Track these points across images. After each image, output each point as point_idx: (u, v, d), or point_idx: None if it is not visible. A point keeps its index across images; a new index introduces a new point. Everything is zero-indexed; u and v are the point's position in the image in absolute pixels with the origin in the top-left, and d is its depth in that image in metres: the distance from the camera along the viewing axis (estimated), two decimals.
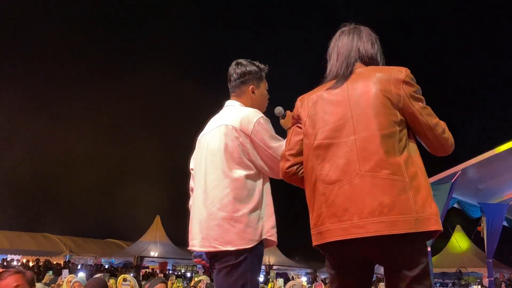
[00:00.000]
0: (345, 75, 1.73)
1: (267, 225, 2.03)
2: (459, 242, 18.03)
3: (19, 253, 19.63)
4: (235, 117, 2.11)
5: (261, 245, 2.00)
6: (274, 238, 2.05)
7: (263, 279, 13.21)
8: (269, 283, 7.48)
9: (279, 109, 2.22)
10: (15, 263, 18.05)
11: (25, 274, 2.21)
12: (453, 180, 7.68)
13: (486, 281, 10.61)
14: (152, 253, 20.46)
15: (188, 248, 2.21)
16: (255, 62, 2.30)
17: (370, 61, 1.79)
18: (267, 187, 2.12)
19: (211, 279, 6.23)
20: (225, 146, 2.06)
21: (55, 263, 18.65)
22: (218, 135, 2.11)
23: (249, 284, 1.92)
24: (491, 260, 9.17)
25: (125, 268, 18.67)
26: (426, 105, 1.67)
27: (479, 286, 9.72)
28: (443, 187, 7.62)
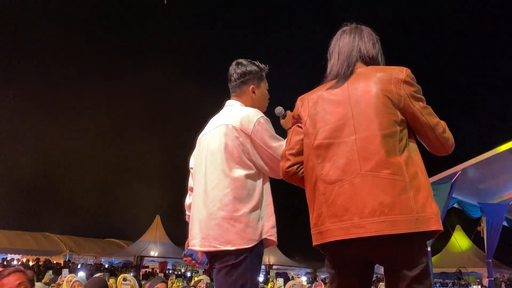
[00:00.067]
0: (346, 74, 1.73)
1: (267, 225, 2.03)
2: (459, 242, 18.05)
3: (19, 253, 19.65)
4: (235, 116, 2.10)
5: (261, 244, 2.00)
6: (274, 238, 2.04)
7: (263, 278, 13.21)
8: (269, 283, 7.47)
9: (279, 109, 2.22)
10: (15, 262, 18.04)
11: (26, 273, 2.22)
12: (453, 180, 7.68)
13: (486, 281, 10.60)
14: (152, 253, 20.47)
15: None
16: (255, 62, 2.30)
17: (371, 61, 1.79)
18: (267, 187, 2.12)
19: (211, 279, 6.23)
20: (225, 145, 2.06)
21: (55, 262, 18.66)
22: (218, 134, 2.11)
23: (249, 283, 1.92)
24: (491, 260, 9.16)
25: (125, 267, 18.67)
26: (426, 105, 1.67)
27: (479, 286, 9.73)
28: (443, 187, 7.62)
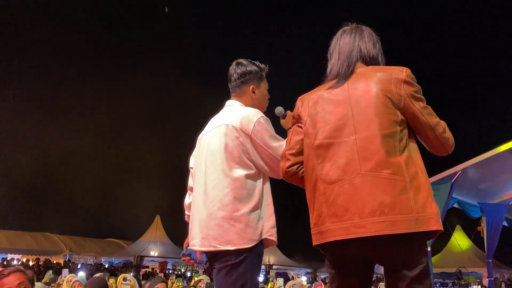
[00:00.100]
0: (346, 74, 1.73)
1: (267, 225, 2.03)
2: (459, 242, 18.04)
3: (19, 253, 19.65)
4: (235, 116, 2.10)
5: (261, 244, 2.00)
6: (274, 237, 2.04)
7: (263, 278, 13.22)
8: (269, 283, 7.47)
9: (279, 109, 2.22)
10: (15, 262, 18.04)
11: (26, 273, 2.22)
12: (453, 180, 7.68)
13: (486, 281, 10.60)
14: (152, 253, 20.47)
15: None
16: (255, 62, 2.30)
17: (371, 61, 1.78)
18: (267, 187, 2.12)
19: (211, 279, 6.23)
20: (225, 145, 2.06)
21: (55, 262, 18.67)
22: (218, 134, 2.11)
23: (249, 283, 1.92)
24: (491, 260, 9.16)
25: (125, 267, 18.67)
26: (426, 105, 1.67)
27: (479, 286, 9.73)
28: (443, 187, 7.61)
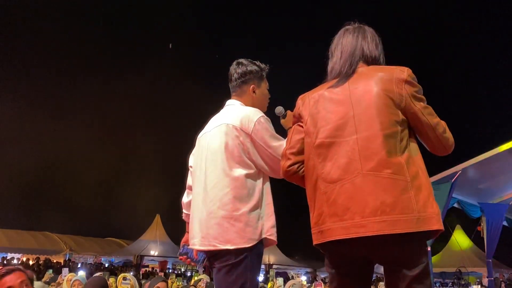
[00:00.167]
0: (348, 73, 1.73)
1: (267, 224, 2.03)
2: (459, 242, 18.04)
3: (19, 252, 19.66)
4: (236, 116, 2.10)
5: (260, 244, 2.00)
6: (273, 237, 2.04)
7: (263, 278, 13.22)
8: (269, 282, 7.48)
9: (279, 109, 2.23)
10: (15, 261, 18.06)
11: (26, 272, 2.23)
12: (453, 179, 7.67)
13: (485, 281, 10.60)
14: (152, 252, 20.48)
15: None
16: (256, 61, 2.30)
17: (373, 62, 1.78)
18: (267, 186, 2.12)
19: (211, 278, 6.23)
20: (226, 145, 2.06)
21: (55, 261, 18.69)
22: (218, 134, 2.11)
23: (248, 283, 1.92)
24: (491, 260, 9.14)
25: (125, 267, 18.69)
26: (427, 105, 1.67)
27: (479, 286, 9.71)
28: (443, 186, 7.61)
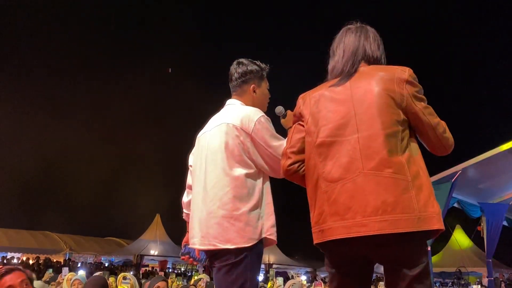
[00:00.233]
0: (350, 72, 1.73)
1: (267, 224, 2.03)
2: (459, 241, 18.04)
3: (19, 251, 19.66)
4: (236, 115, 2.10)
5: (260, 243, 2.00)
6: (273, 237, 2.04)
7: (263, 277, 13.22)
8: (269, 282, 7.48)
9: (279, 109, 2.22)
10: (15, 261, 18.07)
11: (25, 272, 2.23)
12: (453, 179, 7.67)
13: (485, 280, 10.60)
14: (152, 252, 20.48)
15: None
16: (256, 61, 2.30)
17: (374, 62, 1.79)
18: (267, 186, 2.12)
19: (211, 278, 6.23)
20: (226, 144, 2.06)
21: (55, 261, 18.70)
22: (218, 133, 2.11)
23: (248, 282, 1.92)
24: (491, 260, 9.14)
25: (125, 266, 18.69)
26: (427, 105, 1.68)
27: (478, 286, 9.70)
28: (443, 186, 7.61)
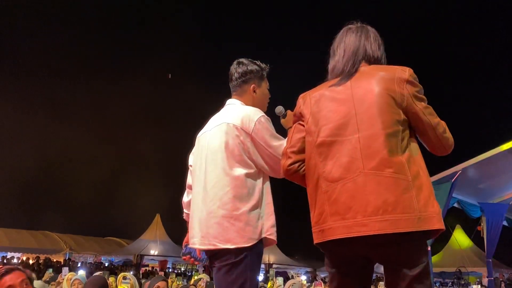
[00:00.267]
0: (351, 72, 1.73)
1: (267, 224, 2.03)
2: (459, 241, 18.03)
3: (19, 251, 19.66)
4: (236, 115, 2.10)
5: (260, 243, 2.00)
6: (273, 237, 2.04)
7: (263, 277, 13.22)
8: (269, 282, 7.48)
9: (279, 109, 2.22)
10: (15, 260, 18.07)
11: (26, 272, 2.23)
12: (453, 179, 7.67)
13: (485, 280, 10.60)
14: (152, 252, 20.47)
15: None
16: (256, 61, 2.30)
17: (375, 62, 1.79)
18: (267, 186, 2.12)
19: (211, 278, 6.23)
20: (226, 144, 2.06)
21: (55, 261, 18.70)
22: (219, 133, 2.11)
23: (248, 282, 1.92)
24: (491, 259, 9.14)
25: (125, 266, 18.69)
26: (427, 105, 1.68)
27: (478, 285, 9.70)
28: (443, 186, 7.60)
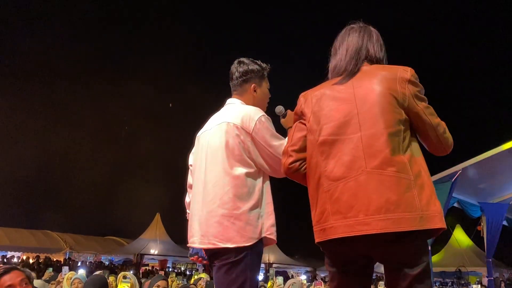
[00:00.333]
0: (353, 71, 1.73)
1: (267, 223, 2.03)
2: (459, 241, 18.03)
3: (19, 250, 19.65)
4: (237, 114, 2.10)
5: (260, 243, 2.00)
6: (273, 236, 2.05)
7: (263, 277, 13.22)
8: (269, 281, 7.48)
9: (279, 108, 2.22)
10: (15, 259, 18.08)
11: (24, 271, 2.23)
12: (453, 179, 7.67)
13: (485, 280, 10.60)
14: (152, 251, 20.46)
15: (187, 245, 2.21)
16: (257, 61, 2.30)
17: (376, 62, 1.80)
18: (267, 185, 2.12)
19: (211, 277, 6.24)
20: (226, 143, 2.06)
21: (55, 260, 18.70)
22: (219, 132, 2.11)
23: (248, 282, 1.92)
24: (491, 259, 9.14)
25: (125, 265, 18.69)
26: (428, 105, 1.68)
27: (478, 285, 9.71)
28: (443, 186, 7.60)
